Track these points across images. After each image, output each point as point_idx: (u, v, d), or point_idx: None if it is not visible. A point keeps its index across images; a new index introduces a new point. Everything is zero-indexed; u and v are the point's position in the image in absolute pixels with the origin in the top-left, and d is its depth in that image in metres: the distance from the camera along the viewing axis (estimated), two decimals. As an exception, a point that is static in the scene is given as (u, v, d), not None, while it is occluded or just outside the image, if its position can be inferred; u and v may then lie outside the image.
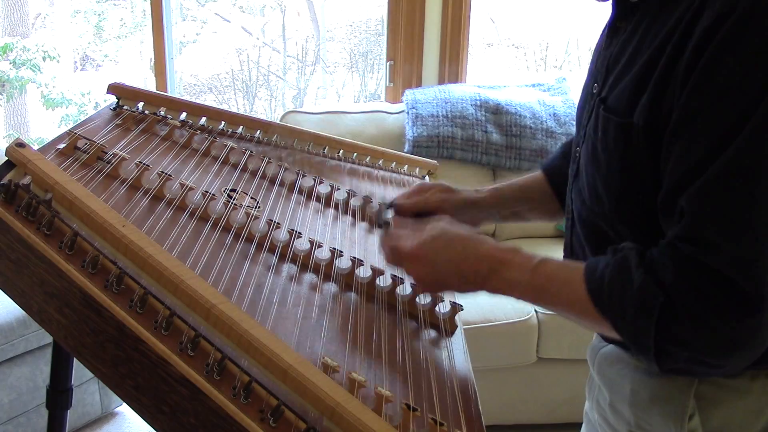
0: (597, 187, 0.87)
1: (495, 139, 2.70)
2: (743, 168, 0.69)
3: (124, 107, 1.20)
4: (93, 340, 0.74)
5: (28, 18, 5.49)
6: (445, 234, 0.90)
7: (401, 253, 0.92)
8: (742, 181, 0.69)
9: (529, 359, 2.30)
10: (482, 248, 0.87)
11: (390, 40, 3.10)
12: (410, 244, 0.91)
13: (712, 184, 0.70)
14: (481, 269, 0.86)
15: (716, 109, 0.70)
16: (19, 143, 0.85)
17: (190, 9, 5.30)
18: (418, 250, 0.90)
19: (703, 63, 0.71)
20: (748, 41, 0.69)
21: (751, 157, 0.69)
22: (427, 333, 0.99)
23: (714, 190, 0.70)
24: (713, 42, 0.70)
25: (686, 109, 0.73)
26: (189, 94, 5.04)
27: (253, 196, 1.11)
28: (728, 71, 0.69)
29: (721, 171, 0.70)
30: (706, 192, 0.71)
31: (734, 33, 0.69)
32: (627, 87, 0.81)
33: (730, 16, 0.69)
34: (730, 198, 0.70)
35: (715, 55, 0.70)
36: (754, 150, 0.69)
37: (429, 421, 0.78)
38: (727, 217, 0.70)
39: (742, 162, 0.69)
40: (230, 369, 0.72)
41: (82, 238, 0.78)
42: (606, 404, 0.98)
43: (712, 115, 0.71)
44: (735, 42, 0.69)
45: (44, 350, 2.19)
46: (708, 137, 0.71)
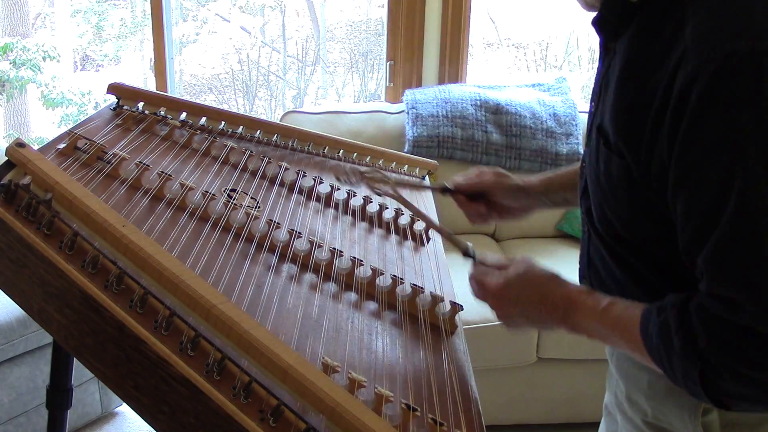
0: (606, 212, 0.90)
1: (495, 139, 2.70)
2: (743, 224, 0.71)
3: (124, 107, 1.20)
4: (93, 340, 0.74)
5: (28, 18, 5.49)
6: (528, 274, 0.94)
7: (487, 289, 0.96)
8: (745, 237, 0.71)
9: (529, 359, 2.30)
10: (558, 290, 0.91)
11: (390, 40, 3.10)
12: (495, 282, 0.95)
13: (719, 244, 0.72)
14: (557, 310, 0.90)
15: (704, 168, 0.72)
16: (19, 143, 0.85)
17: (190, 9, 5.29)
18: (503, 288, 0.94)
19: (686, 121, 0.72)
20: (719, 99, 0.70)
21: (748, 211, 0.70)
22: (427, 333, 0.99)
23: (723, 251, 0.72)
24: (690, 101, 0.72)
25: (679, 167, 0.75)
26: (189, 94, 5.04)
27: (253, 196, 1.11)
28: (708, 130, 0.71)
29: (724, 231, 0.71)
30: (716, 254, 0.73)
31: (707, 92, 0.70)
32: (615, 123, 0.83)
33: (700, 76, 0.70)
34: (739, 255, 0.72)
35: (693, 114, 0.71)
36: (750, 203, 0.70)
37: (429, 421, 0.78)
38: (741, 275, 0.71)
39: (741, 218, 0.70)
40: (230, 369, 0.72)
41: (82, 238, 0.78)
42: (623, 396, 1.00)
43: (701, 173, 0.73)
44: (708, 101, 0.70)
45: (44, 350, 2.19)
46: (703, 196, 0.73)
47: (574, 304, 0.89)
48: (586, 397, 2.36)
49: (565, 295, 0.90)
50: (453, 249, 1.10)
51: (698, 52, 0.71)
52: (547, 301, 0.91)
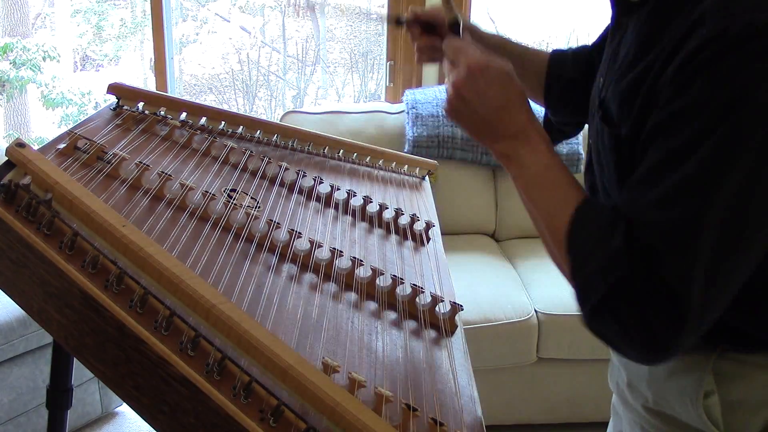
0: (605, 185, 0.90)
1: (495, 139, 2.70)
2: (697, 183, 0.70)
3: (124, 107, 1.20)
4: (93, 340, 0.74)
5: (28, 18, 5.49)
6: (510, 77, 0.85)
7: (464, 59, 0.86)
8: (694, 200, 0.70)
9: (529, 359, 2.30)
10: (522, 113, 0.84)
11: (390, 40, 3.10)
12: (479, 56, 0.86)
13: (667, 197, 0.72)
14: (507, 130, 0.84)
15: (681, 123, 0.72)
16: (19, 143, 0.85)
17: (190, 9, 5.29)
18: (480, 66, 0.85)
19: (684, 75, 0.72)
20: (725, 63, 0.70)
21: (705, 176, 0.70)
22: (427, 333, 0.99)
23: (668, 204, 0.72)
24: (698, 58, 0.71)
25: (658, 119, 0.74)
26: (189, 94, 5.04)
27: (253, 196, 1.11)
28: (704, 85, 0.70)
29: (676, 182, 0.71)
30: (661, 204, 0.72)
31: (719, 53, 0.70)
32: (619, 95, 0.82)
33: (719, 39, 0.70)
34: (680, 213, 0.71)
35: (697, 69, 0.71)
36: (709, 171, 0.70)
37: (429, 421, 0.78)
38: (675, 231, 0.71)
39: (700, 175, 0.70)
40: (230, 369, 0.72)
41: (82, 238, 0.78)
42: (624, 384, 1.00)
43: (676, 128, 0.72)
44: (713, 62, 0.70)
45: (44, 350, 2.19)
46: (669, 147, 0.72)
47: (527, 136, 0.84)
48: (586, 397, 2.36)
49: (525, 122, 0.84)
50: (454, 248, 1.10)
51: (718, 17, 0.71)
52: (504, 114, 0.84)
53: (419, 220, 1.28)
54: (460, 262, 2.43)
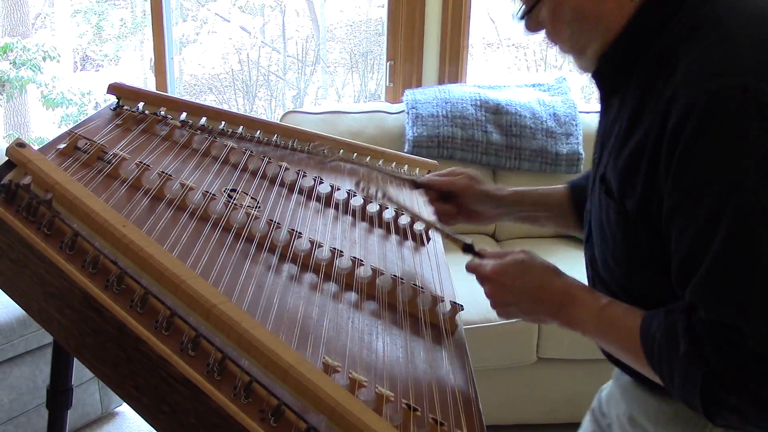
0: (608, 260, 0.91)
1: (495, 139, 2.70)
2: (734, 252, 0.73)
3: (124, 107, 1.20)
4: (93, 340, 0.74)
5: (28, 18, 5.48)
6: (527, 262, 0.95)
7: (483, 271, 0.97)
8: (737, 265, 0.73)
9: (529, 359, 2.30)
10: (557, 282, 0.92)
11: (390, 40, 3.10)
12: (492, 267, 0.96)
13: (711, 273, 0.74)
14: (554, 302, 0.91)
15: (694, 199, 0.75)
16: (19, 143, 0.85)
17: (190, 9, 5.29)
18: (499, 271, 0.95)
19: (678, 157, 0.76)
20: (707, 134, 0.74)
21: (737, 240, 0.72)
22: (427, 333, 0.99)
23: (715, 279, 0.74)
24: (681, 137, 0.75)
25: (672, 200, 0.78)
26: (189, 94, 5.04)
27: (253, 196, 1.11)
28: (697, 164, 0.75)
29: (715, 260, 0.74)
30: (709, 282, 0.75)
31: (696, 128, 0.74)
32: (619, 172, 0.86)
33: (691, 112, 0.75)
34: (732, 283, 0.73)
35: (684, 150, 0.76)
36: (739, 233, 0.72)
37: (429, 421, 0.78)
38: (736, 302, 0.73)
39: (731, 247, 0.73)
40: (231, 369, 0.72)
41: (83, 238, 0.78)
42: (625, 417, 1.00)
43: (691, 205, 0.76)
44: (698, 136, 0.74)
45: (44, 350, 2.19)
46: (692, 226, 0.76)
47: (572, 297, 0.90)
48: (586, 397, 2.35)
49: (564, 287, 0.91)
50: (454, 248, 1.10)
51: (687, 91, 0.76)
52: (544, 291, 0.92)
53: (419, 220, 1.28)
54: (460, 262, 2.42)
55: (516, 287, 0.94)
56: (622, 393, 1.02)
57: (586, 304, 0.89)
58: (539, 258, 0.96)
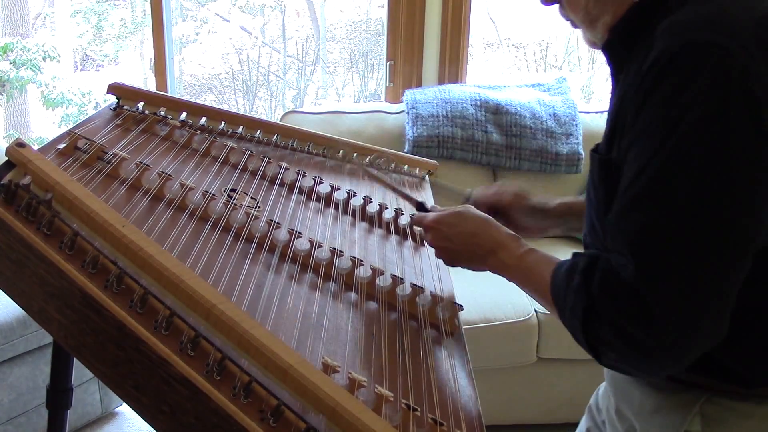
0: (592, 220, 0.93)
1: (495, 139, 2.70)
2: (649, 193, 0.76)
3: (124, 107, 1.20)
4: (93, 340, 0.74)
5: (28, 18, 5.48)
6: (464, 213, 1.04)
7: (422, 223, 1.08)
8: (646, 205, 0.76)
9: (529, 359, 2.29)
10: (491, 230, 1.00)
11: (390, 41, 3.10)
12: (432, 217, 1.06)
13: (626, 206, 0.79)
14: (485, 247, 0.99)
15: (641, 140, 0.78)
16: (19, 143, 0.85)
17: (190, 9, 5.29)
18: (435, 222, 1.05)
19: (640, 98, 0.79)
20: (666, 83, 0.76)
21: (657, 184, 0.76)
22: (427, 333, 0.99)
23: (626, 211, 0.78)
24: (644, 82, 0.78)
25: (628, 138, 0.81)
26: (189, 94, 5.04)
27: (253, 196, 1.11)
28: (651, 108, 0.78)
29: (634, 194, 0.78)
30: (622, 212, 0.79)
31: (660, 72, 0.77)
32: (607, 125, 0.89)
33: (660, 58, 0.77)
34: (636, 218, 0.77)
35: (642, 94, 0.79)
36: (659, 179, 0.76)
37: (429, 421, 0.78)
38: (635, 236, 0.77)
39: (649, 188, 0.76)
40: (230, 369, 0.72)
41: (82, 238, 0.78)
42: (613, 409, 1.02)
43: (638, 145, 0.79)
44: (657, 82, 0.77)
45: (44, 350, 2.19)
46: (632, 164, 0.79)
47: (499, 243, 0.98)
48: (586, 397, 2.34)
49: (495, 235, 0.99)
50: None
51: (663, 40, 0.78)
52: (476, 238, 1.00)
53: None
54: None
55: (452, 234, 1.02)
56: (612, 387, 1.04)
57: (509, 249, 0.96)
58: (477, 211, 1.04)
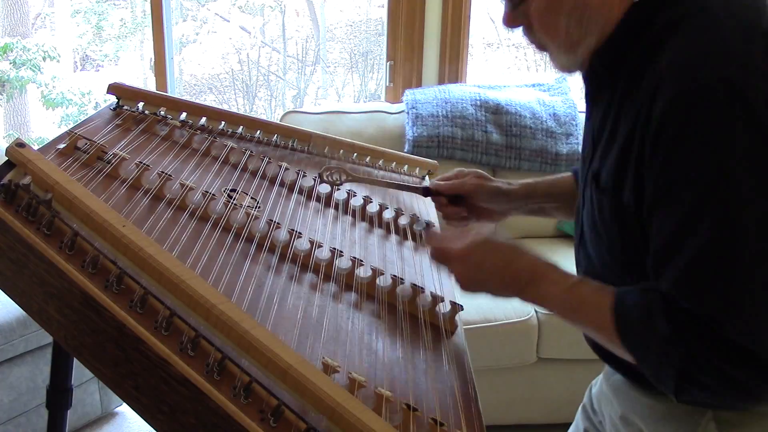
0: (604, 256, 0.91)
1: (495, 139, 2.70)
2: (717, 246, 0.72)
3: (124, 107, 1.20)
4: (93, 340, 0.74)
5: (28, 18, 5.48)
6: (492, 241, 0.95)
7: (449, 253, 0.97)
8: (719, 259, 0.73)
9: (529, 359, 2.30)
10: (525, 258, 0.92)
11: (390, 40, 3.10)
12: (459, 245, 0.96)
13: (693, 267, 0.74)
14: (522, 278, 0.90)
15: (678, 189, 0.75)
16: (19, 143, 0.85)
17: (190, 9, 5.29)
18: (466, 252, 0.95)
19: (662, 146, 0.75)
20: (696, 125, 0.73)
21: (720, 235, 0.72)
22: (427, 333, 0.99)
23: (698, 273, 0.74)
24: (667, 126, 0.75)
25: (654, 188, 0.78)
26: (189, 94, 5.04)
27: (253, 196, 1.11)
28: (683, 154, 0.74)
29: (698, 253, 0.73)
30: (691, 275, 0.74)
31: (684, 117, 0.74)
32: (613, 166, 0.85)
33: (678, 102, 0.74)
34: (715, 277, 0.73)
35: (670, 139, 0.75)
36: (724, 228, 0.72)
37: (429, 421, 0.78)
38: (718, 296, 0.73)
39: (714, 241, 0.72)
40: (230, 369, 0.72)
41: (82, 238, 0.78)
42: (617, 416, 1.00)
43: (675, 195, 0.75)
44: (685, 126, 0.74)
45: (44, 350, 2.19)
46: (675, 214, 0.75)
47: (539, 275, 0.89)
48: (586, 397, 2.36)
49: (531, 264, 0.91)
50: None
51: (673, 82, 0.75)
52: (510, 268, 0.91)
53: (419, 220, 1.28)
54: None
55: (485, 266, 0.93)
56: (613, 393, 1.01)
57: (554, 281, 0.88)
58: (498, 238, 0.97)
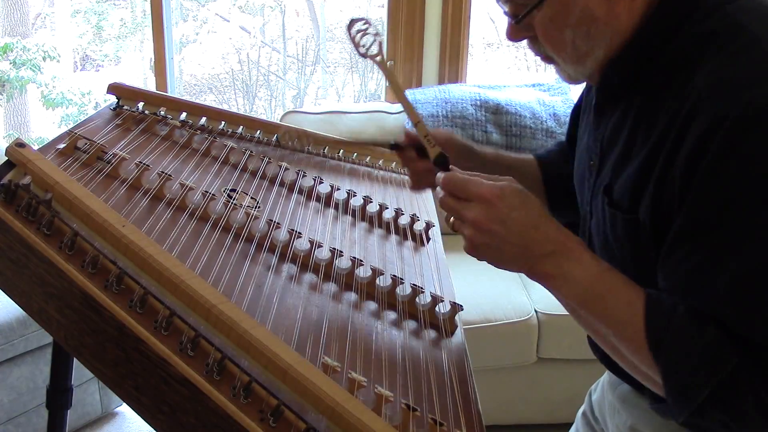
0: None
1: (495, 139, 2.70)
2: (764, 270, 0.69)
3: (124, 107, 1.20)
4: (93, 340, 0.74)
5: (28, 18, 5.49)
6: (525, 194, 0.80)
7: (471, 191, 0.80)
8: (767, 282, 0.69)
9: (529, 359, 2.30)
10: (555, 226, 0.79)
11: (390, 40, 3.10)
12: (488, 184, 0.80)
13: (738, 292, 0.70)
14: (545, 247, 0.78)
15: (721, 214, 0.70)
16: (19, 143, 0.85)
17: (190, 9, 5.29)
18: (495, 194, 0.79)
19: (702, 171, 0.70)
20: (745, 146, 0.68)
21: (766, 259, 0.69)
22: (427, 333, 0.99)
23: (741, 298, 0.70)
24: (709, 151, 0.69)
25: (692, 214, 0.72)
26: (189, 94, 5.04)
27: (253, 196, 1.11)
28: (728, 180, 0.69)
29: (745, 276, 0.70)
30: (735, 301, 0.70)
31: (729, 141, 0.68)
32: (629, 182, 0.81)
33: (722, 124, 0.68)
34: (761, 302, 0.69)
35: (713, 164, 0.69)
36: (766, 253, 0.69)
37: (429, 421, 0.78)
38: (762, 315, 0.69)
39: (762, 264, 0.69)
40: (230, 369, 0.72)
41: (82, 238, 0.78)
42: (625, 427, 0.98)
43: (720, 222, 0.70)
44: (731, 150, 0.68)
45: (44, 350, 2.19)
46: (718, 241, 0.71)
47: (567, 248, 0.78)
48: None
49: (561, 234, 0.79)
50: (454, 248, 1.09)
51: (714, 101, 0.70)
52: (538, 233, 0.78)
53: (419, 220, 1.28)
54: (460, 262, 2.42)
55: (510, 219, 0.78)
56: (621, 403, 0.99)
57: (583, 261, 0.78)
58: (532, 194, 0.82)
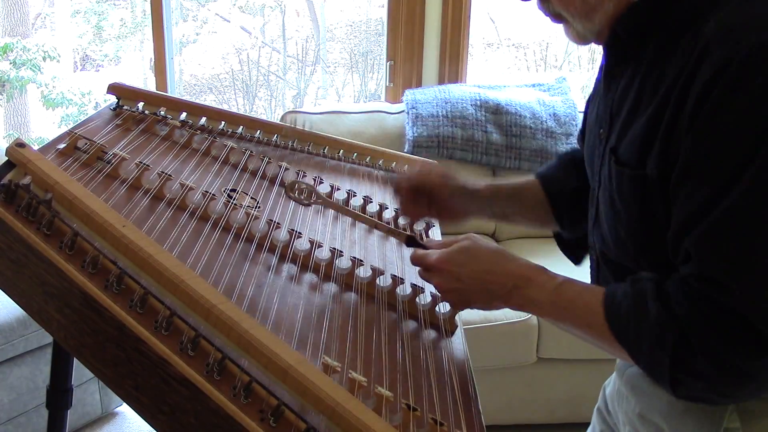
0: (620, 234, 0.88)
1: (495, 139, 2.70)
2: (747, 210, 0.71)
3: (124, 107, 1.20)
4: (93, 340, 0.74)
5: (28, 18, 5.48)
6: (472, 248, 0.92)
7: (429, 263, 0.95)
8: (746, 224, 0.71)
9: (529, 359, 2.30)
10: (508, 264, 0.90)
11: (390, 40, 3.10)
12: (437, 256, 0.93)
13: (717, 226, 0.72)
14: (506, 284, 0.89)
15: (718, 154, 0.72)
16: (19, 143, 0.85)
17: (190, 9, 5.29)
18: (442, 263, 0.93)
19: (706, 111, 0.72)
20: (747, 88, 0.70)
21: (754, 200, 0.71)
22: (427, 333, 0.99)
23: (720, 233, 0.72)
24: (714, 91, 0.71)
25: (690, 154, 0.75)
26: (189, 94, 5.04)
27: (253, 196, 1.11)
28: (729, 118, 0.71)
29: (725, 214, 0.72)
30: (713, 234, 0.73)
31: (733, 81, 0.70)
32: (636, 138, 0.82)
33: (728, 66, 0.71)
34: (736, 240, 0.72)
35: (716, 103, 0.72)
36: (757, 193, 0.70)
37: (429, 421, 0.78)
38: (734, 259, 0.72)
39: (746, 205, 0.71)
40: (230, 369, 0.72)
41: (82, 238, 0.78)
42: (634, 414, 0.98)
43: (714, 160, 0.73)
44: (734, 90, 0.71)
45: (44, 350, 2.19)
46: (711, 180, 0.73)
47: (525, 279, 0.88)
48: (586, 397, 2.36)
49: (515, 269, 0.89)
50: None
51: (723, 44, 0.72)
52: (492, 275, 0.89)
53: (419, 220, 1.28)
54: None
55: (463, 274, 0.91)
56: (630, 389, 0.99)
57: (541, 284, 0.87)
58: (485, 243, 0.94)
